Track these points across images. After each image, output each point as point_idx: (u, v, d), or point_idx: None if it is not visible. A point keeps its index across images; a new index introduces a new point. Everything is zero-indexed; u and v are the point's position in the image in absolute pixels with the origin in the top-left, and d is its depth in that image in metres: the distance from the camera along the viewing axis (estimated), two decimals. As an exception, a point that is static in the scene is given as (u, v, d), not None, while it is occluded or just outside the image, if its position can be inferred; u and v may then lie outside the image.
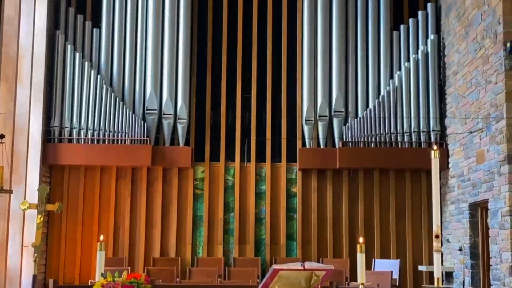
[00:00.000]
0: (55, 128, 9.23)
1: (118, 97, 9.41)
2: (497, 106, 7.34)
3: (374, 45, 9.65)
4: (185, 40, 9.62)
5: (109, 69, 9.57)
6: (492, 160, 7.43)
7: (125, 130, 9.31)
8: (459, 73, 8.64)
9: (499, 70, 7.31)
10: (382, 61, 9.63)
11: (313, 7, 9.73)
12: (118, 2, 9.68)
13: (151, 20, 9.63)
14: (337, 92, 9.52)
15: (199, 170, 9.62)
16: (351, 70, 9.64)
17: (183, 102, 9.50)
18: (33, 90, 8.87)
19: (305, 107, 9.55)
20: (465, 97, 8.40)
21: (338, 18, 9.66)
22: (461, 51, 8.58)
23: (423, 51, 9.46)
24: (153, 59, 9.55)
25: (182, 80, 9.56)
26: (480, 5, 7.93)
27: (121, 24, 9.65)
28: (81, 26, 9.62)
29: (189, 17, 9.69)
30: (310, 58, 9.63)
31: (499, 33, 7.31)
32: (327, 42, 9.65)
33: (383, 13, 9.71)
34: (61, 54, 9.38)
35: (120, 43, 9.61)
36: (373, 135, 9.32)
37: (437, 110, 9.30)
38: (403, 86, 9.42)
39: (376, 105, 9.39)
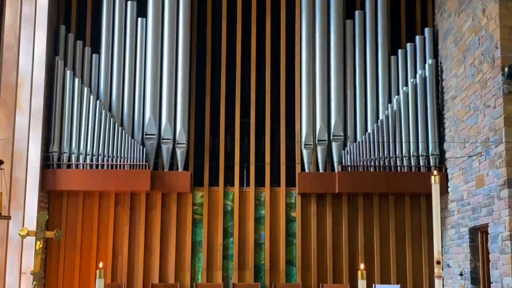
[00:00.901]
0: (54, 153, 9.23)
1: (117, 122, 9.42)
2: (496, 131, 7.36)
3: (372, 70, 9.69)
4: (184, 65, 9.66)
5: (108, 94, 9.59)
6: (491, 184, 7.43)
7: (124, 155, 9.30)
8: (458, 98, 8.67)
9: (497, 94, 7.34)
10: (380, 86, 9.66)
11: (311, 31, 9.78)
12: (117, 28, 9.73)
13: (150, 45, 9.67)
14: (335, 117, 9.54)
15: (198, 195, 9.60)
16: (350, 95, 9.67)
17: (182, 127, 9.50)
18: (32, 116, 8.88)
19: (304, 132, 9.56)
20: (464, 121, 8.41)
21: (336, 43, 9.71)
22: (459, 75, 8.62)
23: (421, 75, 9.51)
24: (152, 84, 9.57)
25: (181, 105, 9.57)
26: (477, 30, 7.98)
27: (120, 50, 9.69)
28: (80, 52, 9.66)
29: (187, 43, 9.73)
30: (308, 83, 9.67)
31: (497, 58, 7.35)
32: (326, 66, 9.69)
33: (381, 38, 9.76)
34: (60, 80, 9.41)
35: (119, 68, 9.64)
36: (372, 159, 9.32)
37: (436, 134, 9.31)
38: (401, 110, 9.44)
39: (375, 129, 9.40)
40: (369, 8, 9.85)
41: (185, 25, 9.74)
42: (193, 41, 9.88)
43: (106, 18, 9.74)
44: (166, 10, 9.77)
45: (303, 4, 9.85)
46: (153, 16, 9.74)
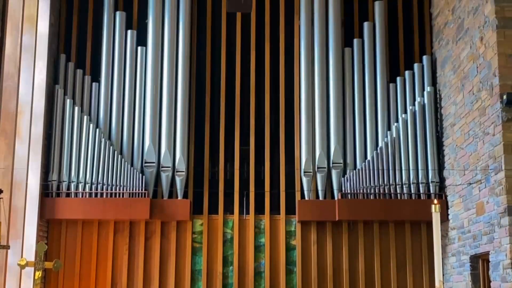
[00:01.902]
0: (53, 182, 9.21)
1: (116, 151, 9.42)
2: (495, 158, 7.36)
3: (371, 97, 9.72)
4: (183, 93, 9.70)
5: (107, 122, 9.61)
6: (492, 212, 7.41)
7: (123, 183, 9.28)
8: (456, 125, 8.69)
9: (496, 122, 7.36)
10: (379, 113, 9.69)
11: (310, 59, 9.84)
12: (117, 56, 9.78)
13: (149, 73, 9.72)
14: (335, 144, 9.55)
15: (198, 223, 9.56)
16: (349, 122, 9.69)
17: (181, 154, 9.51)
18: (32, 144, 8.88)
19: (303, 159, 9.55)
20: (463, 149, 8.42)
21: (335, 71, 9.76)
22: (458, 103, 8.65)
23: (420, 102, 9.54)
24: (152, 112, 9.60)
25: (180, 133, 9.59)
26: (475, 58, 8.02)
27: (120, 78, 9.73)
28: (80, 80, 9.70)
29: (187, 71, 9.78)
30: (307, 110, 9.69)
31: (495, 86, 7.38)
32: (325, 93, 9.73)
33: (379, 65, 9.81)
34: (60, 109, 9.43)
35: (119, 96, 9.67)
36: (372, 187, 9.31)
37: (435, 162, 9.31)
38: (401, 137, 9.46)
39: (374, 156, 9.40)
40: (367, 36, 9.91)
41: (185, 53, 9.79)
42: (193, 69, 9.94)
43: (106, 46, 9.80)
44: (166, 39, 9.83)
45: (302, 32, 9.92)
46: (153, 44, 9.80)
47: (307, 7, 9.97)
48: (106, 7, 9.89)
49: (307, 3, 9.99)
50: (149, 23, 9.88)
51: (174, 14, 9.89)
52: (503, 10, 7.42)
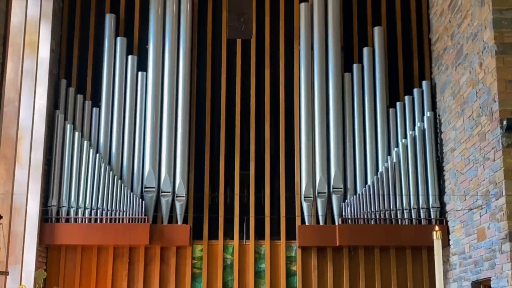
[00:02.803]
0: (52, 207, 9.18)
1: (116, 176, 9.41)
2: (496, 183, 7.34)
3: (371, 122, 9.73)
4: (183, 118, 9.71)
5: (108, 147, 9.61)
6: (493, 238, 7.37)
7: (123, 208, 9.25)
8: (457, 150, 8.69)
9: (496, 147, 7.36)
10: (379, 138, 9.69)
11: (310, 84, 9.86)
12: (117, 81, 9.81)
13: (150, 98, 9.73)
14: (335, 169, 9.53)
15: (197, 248, 9.51)
16: (349, 147, 9.69)
17: (181, 179, 9.49)
18: (32, 169, 8.87)
19: (303, 184, 9.53)
20: (464, 174, 8.41)
21: (335, 96, 9.78)
22: (458, 128, 8.65)
23: (419, 127, 9.54)
24: (152, 137, 9.60)
25: (180, 158, 9.58)
26: (474, 84, 8.05)
27: (120, 103, 9.74)
28: (80, 105, 9.71)
29: (187, 96, 9.80)
30: (307, 135, 9.70)
31: (495, 111, 7.39)
32: (325, 118, 9.74)
33: (379, 90, 9.83)
34: (60, 134, 9.43)
35: (119, 121, 9.68)
36: (372, 212, 9.28)
37: (436, 187, 9.29)
38: (401, 162, 9.45)
39: (374, 181, 9.39)
40: (367, 61, 9.95)
41: (185, 78, 9.83)
42: (193, 95, 9.96)
43: (107, 72, 9.83)
44: (166, 64, 9.87)
45: (301, 57, 9.96)
46: (153, 70, 9.84)
47: (307, 33, 10.03)
48: (107, 32, 9.95)
49: (307, 29, 10.05)
50: (150, 48, 9.93)
51: (174, 40, 9.94)
52: (502, 36, 7.46)
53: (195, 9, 10.21)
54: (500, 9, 7.47)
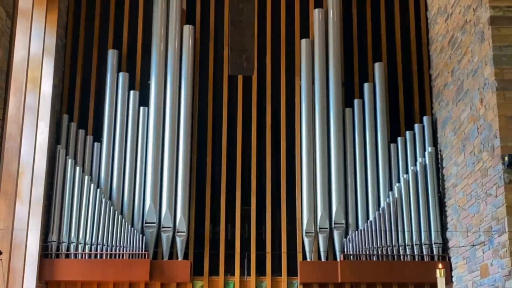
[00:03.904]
0: (52, 243, 9.13)
1: (117, 211, 9.37)
2: (498, 220, 7.31)
3: (372, 157, 9.73)
4: (184, 153, 9.71)
5: (108, 182, 9.59)
6: (496, 275, 7.31)
7: (123, 244, 9.20)
8: (458, 186, 8.66)
9: (498, 183, 7.34)
10: (381, 173, 9.67)
11: (311, 119, 9.88)
12: (119, 116, 9.84)
13: (151, 133, 9.75)
14: (337, 204, 9.50)
15: (198, 284, 9.42)
16: (351, 182, 9.67)
17: (182, 215, 9.45)
18: (32, 205, 8.84)
19: (305, 219, 9.49)
20: (466, 210, 8.37)
21: (336, 131, 9.79)
22: (459, 163, 8.64)
23: (421, 163, 9.53)
24: (153, 172, 9.59)
25: (181, 193, 9.55)
26: (475, 119, 8.06)
27: (121, 138, 9.76)
28: (82, 140, 9.73)
29: (189, 131, 9.82)
30: (309, 170, 9.68)
31: (496, 147, 7.39)
32: (326, 154, 9.74)
33: (380, 125, 9.85)
34: (62, 169, 9.43)
35: (120, 156, 9.68)
36: (374, 248, 9.22)
37: (438, 223, 9.25)
38: (403, 198, 9.42)
39: (376, 217, 9.34)
40: (368, 96, 9.99)
41: (186, 114, 9.85)
42: (194, 130, 9.98)
43: (109, 107, 9.87)
44: (168, 99, 9.91)
45: (302, 92, 10.00)
46: (155, 105, 9.88)
47: (308, 68, 10.09)
48: (110, 68, 10.01)
49: (308, 64, 10.11)
50: (152, 83, 9.99)
51: (176, 75, 10.00)
52: (502, 72, 7.50)
53: (196, 45, 10.30)
54: (500, 46, 7.53)
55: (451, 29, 9.06)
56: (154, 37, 10.14)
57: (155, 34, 10.13)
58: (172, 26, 10.18)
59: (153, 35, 10.15)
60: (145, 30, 10.36)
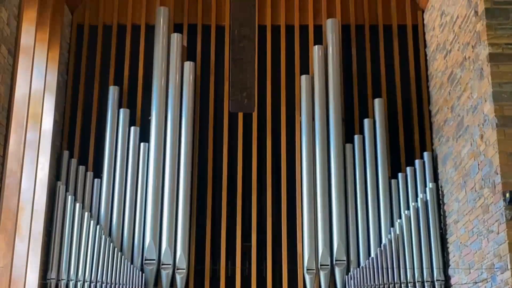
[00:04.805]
0: (51, 280, 9.05)
1: (116, 248, 9.32)
2: (500, 257, 7.26)
3: (373, 193, 9.70)
4: (185, 189, 9.69)
5: (108, 219, 9.55)
6: (499, 313, 7.24)
7: (123, 281, 9.12)
8: (460, 222, 8.62)
9: (500, 220, 7.30)
10: (382, 209, 9.63)
11: (312, 155, 9.88)
12: (120, 152, 9.85)
13: (151, 169, 9.74)
14: (338, 241, 9.44)
15: (198, 322, 9.34)
16: (352, 218, 9.62)
17: (182, 251, 9.39)
18: (32, 241, 8.78)
19: (306, 256, 9.43)
20: (468, 246, 8.32)
21: (336, 167, 9.78)
22: (460, 200, 8.62)
23: (422, 199, 9.50)
24: (153, 209, 9.55)
25: (181, 229, 9.51)
26: (476, 156, 8.06)
27: (122, 174, 9.75)
28: (82, 176, 9.72)
29: (189, 167, 9.81)
30: (309, 206, 9.65)
31: (497, 184, 7.37)
32: (327, 190, 9.71)
33: (380, 161, 9.84)
34: (61, 205, 9.40)
35: (120, 192, 9.66)
36: (376, 285, 9.14)
37: (440, 260, 9.18)
38: (404, 234, 9.36)
39: (378, 253, 9.28)
40: (368, 132, 10.01)
41: (187, 150, 9.86)
42: (194, 166, 9.97)
43: (109, 143, 9.88)
44: (168, 135, 9.93)
45: (303, 128, 10.02)
46: (156, 140, 9.89)
47: (308, 104, 10.13)
48: (110, 104, 10.05)
49: (308, 100, 10.15)
50: (152, 119, 10.02)
51: (177, 111, 10.03)
52: (502, 109, 7.51)
53: (197, 81, 10.36)
54: (499, 83, 7.56)
55: (450, 65, 9.12)
56: (155, 73, 10.20)
57: (156, 70, 10.20)
58: (173, 63, 10.25)
59: (154, 71, 10.22)
60: (146, 66, 10.44)
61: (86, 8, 10.68)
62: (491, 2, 7.77)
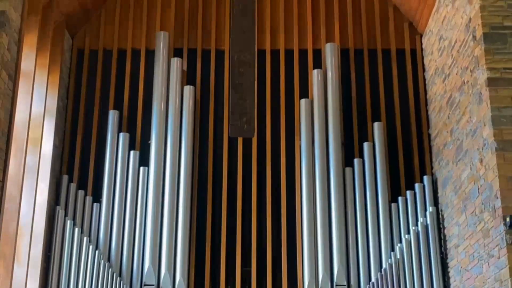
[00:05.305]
0: (50, 306, 9.01)
1: (115, 273, 9.26)
2: (501, 281, 7.21)
3: (373, 217, 9.67)
4: (184, 214, 9.66)
5: (107, 243, 9.51)
6: (502, 338, 7.17)
7: (122, 306, 9.07)
8: (461, 246, 8.59)
9: (500, 244, 7.27)
10: (382, 233, 9.60)
11: (312, 179, 9.86)
12: (119, 176, 9.84)
13: (151, 194, 9.72)
14: (338, 265, 9.39)
15: None
16: (352, 242, 9.58)
17: (181, 276, 9.34)
18: (30, 266, 8.74)
19: (306, 281, 9.37)
20: (469, 271, 8.28)
21: (336, 191, 9.76)
22: (461, 224, 8.59)
23: (422, 223, 9.48)
24: (152, 233, 9.51)
25: (181, 254, 9.46)
26: (476, 179, 8.05)
27: (121, 198, 9.73)
28: (81, 201, 9.70)
29: (188, 192, 9.79)
30: (310, 231, 9.61)
31: (498, 208, 7.35)
32: (327, 214, 9.68)
33: (380, 185, 9.83)
34: (60, 230, 9.37)
35: (119, 217, 9.63)
36: (376, 310, 9.08)
37: (441, 284, 9.12)
38: (405, 258, 9.32)
39: (378, 278, 9.23)
40: (368, 156, 10.00)
41: (186, 174, 9.85)
42: (194, 190, 9.95)
43: (109, 167, 9.88)
44: (168, 159, 9.93)
45: (302, 152, 10.02)
46: (155, 164, 9.88)
47: (308, 128, 10.14)
48: (110, 128, 10.06)
49: (307, 124, 10.16)
50: (152, 144, 10.02)
51: (176, 136, 10.04)
52: (501, 133, 7.51)
53: (197, 105, 10.38)
54: (498, 107, 7.57)
55: (449, 89, 9.15)
56: (154, 97, 10.23)
57: (156, 95, 10.23)
58: (172, 87, 10.29)
59: (153, 95, 10.25)
60: (146, 90, 10.46)
61: (86, 33, 10.75)
62: (489, 27, 7.82)
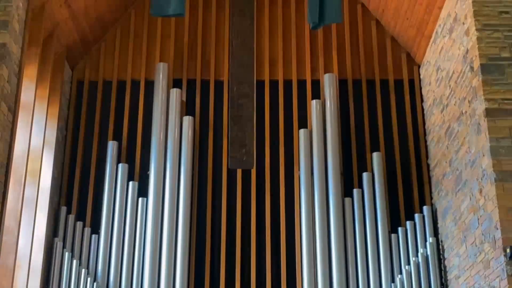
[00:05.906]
0: None
1: (114, 305, 9.20)
2: (503, 313, 7.16)
3: (373, 248, 9.62)
4: (183, 244, 9.61)
5: (106, 275, 9.45)
6: None
7: None
8: (461, 277, 8.53)
9: (501, 276, 7.22)
10: (382, 264, 9.54)
11: (311, 210, 9.83)
12: (118, 207, 9.81)
13: (150, 224, 9.68)
14: (338, 296, 9.33)
15: None
16: (352, 273, 9.52)
17: (180, 308, 9.27)
18: (28, 300, 8.67)
19: (306, 313, 9.30)
20: (470, 302, 8.22)
21: (335, 221, 9.73)
22: (461, 254, 8.54)
23: (422, 254, 9.42)
24: (151, 265, 9.45)
25: (179, 286, 9.38)
26: (475, 210, 8.03)
27: (120, 230, 9.69)
28: (80, 232, 9.65)
29: (187, 224, 9.76)
30: (309, 261, 9.56)
31: (498, 239, 7.32)
32: (326, 244, 9.63)
33: (380, 215, 9.80)
34: (58, 262, 9.31)
35: (118, 249, 9.58)
36: None
37: (442, 316, 9.07)
38: (405, 290, 9.27)
39: (379, 310, 9.16)
40: (367, 186, 9.99)
41: (185, 205, 9.82)
42: (193, 222, 9.91)
43: (107, 198, 9.85)
44: (167, 190, 9.90)
45: (301, 183, 10.00)
46: (154, 196, 9.86)
47: (307, 159, 10.14)
48: (109, 159, 10.06)
49: (306, 155, 10.16)
50: (151, 174, 10.01)
51: (175, 167, 10.03)
52: (500, 164, 7.50)
53: (196, 136, 10.39)
54: (496, 138, 7.57)
55: (447, 120, 9.17)
56: (154, 128, 10.24)
57: (155, 125, 10.24)
58: (172, 117, 10.31)
59: (153, 126, 10.26)
60: (145, 121, 10.48)
61: (86, 64, 10.81)
62: (487, 58, 7.87)
